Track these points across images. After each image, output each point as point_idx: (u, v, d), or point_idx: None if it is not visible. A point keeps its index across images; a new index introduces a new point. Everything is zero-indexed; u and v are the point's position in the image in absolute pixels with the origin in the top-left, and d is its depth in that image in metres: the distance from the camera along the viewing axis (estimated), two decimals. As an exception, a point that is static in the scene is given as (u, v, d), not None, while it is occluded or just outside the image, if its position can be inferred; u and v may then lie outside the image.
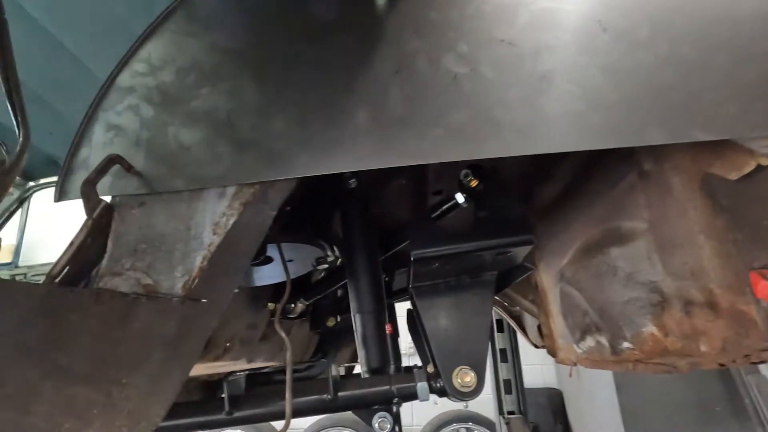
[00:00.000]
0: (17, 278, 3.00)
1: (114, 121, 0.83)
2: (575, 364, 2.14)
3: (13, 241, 3.34)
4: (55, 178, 3.31)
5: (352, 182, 1.07)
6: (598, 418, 3.81)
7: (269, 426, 4.11)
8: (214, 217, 0.74)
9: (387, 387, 0.87)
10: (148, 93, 0.84)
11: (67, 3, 1.89)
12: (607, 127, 0.73)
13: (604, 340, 1.26)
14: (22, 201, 3.11)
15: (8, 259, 3.27)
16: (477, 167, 0.99)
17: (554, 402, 5.04)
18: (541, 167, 1.14)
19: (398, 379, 0.88)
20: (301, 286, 1.33)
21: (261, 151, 0.77)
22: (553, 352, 2.24)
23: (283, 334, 0.87)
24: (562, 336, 2.14)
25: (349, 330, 2.30)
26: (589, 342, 1.38)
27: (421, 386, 0.86)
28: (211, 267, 0.70)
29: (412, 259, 0.84)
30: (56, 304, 0.65)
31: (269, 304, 1.36)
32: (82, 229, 0.74)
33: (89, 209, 0.74)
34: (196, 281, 0.69)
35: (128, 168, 0.77)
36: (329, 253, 1.08)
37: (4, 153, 0.78)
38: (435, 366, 0.89)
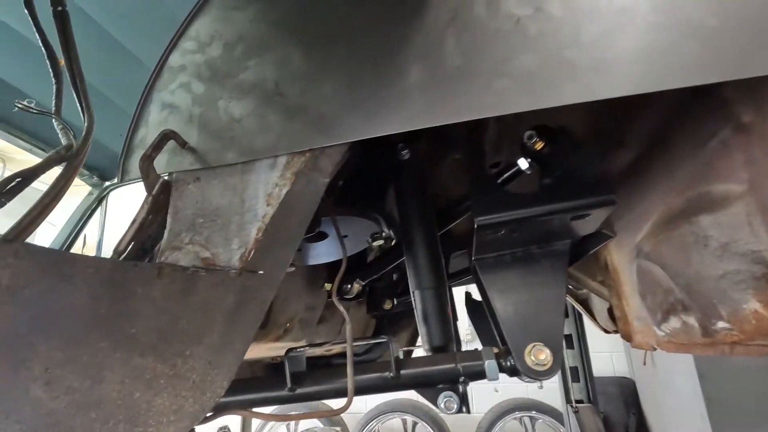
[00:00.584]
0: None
1: (167, 100, 0.84)
2: (654, 349, 1.96)
3: (95, 239, 3.65)
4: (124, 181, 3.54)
5: (405, 153, 1.02)
6: (677, 409, 3.51)
7: (326, 407, 4.22)
8: (266, 188, 0.72)
9: (452, 365, 0.82)
10: (198, 69, 0.84)
11: (123, 3, 1.99)
12: (705, 59, 0.61)
13: (692, 321, 1.12)
14: (100, 200, 3.37)
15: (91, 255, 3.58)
16: (542, 128, 0.90)
17: (626, 392, 4.71)
18: (613, 128, 1.02)
19: (464, 357, 0.83)
20: (356, 266, 1.31)
21: (310, 117, 0.73)
22: (627, 337, 2.07)
23: (342, 308, 0.85)
24: (639, 318, 1.96)
25: (405, 314, 2.27)
26: (674, 323, 1.24)
27: (490, 364, 0.79)
28: (266, 238, 0.68)
29: (475, 226, 0.77)
30: (122, 277, 0.66)
31: (326, 284, 1.35)
32: (142, 206, 0.75)
33: (149, 186, 0.74)
34: (252, 253, 0.68)
35: (182, 144, 0.77)
36: (384, 227, 1.04)
37: (71, 137, 0.80)
38: (504, 343, 0.82)
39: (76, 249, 3.40)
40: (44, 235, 3.33)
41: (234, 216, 0.72)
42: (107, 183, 3.61)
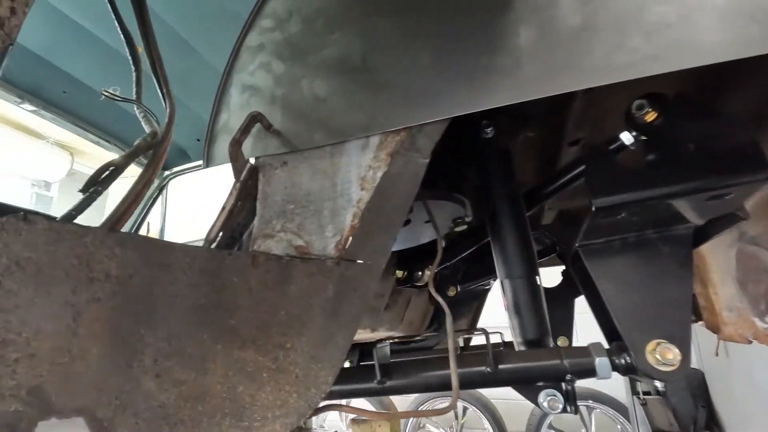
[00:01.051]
0: (164, 256, 3.43)
1: (248, 81, 0.81)
2: (750, 342, 1.78)
3: (158, 226, 3.83)
4: (186, 166, 3.67)
5: (489, 131, 0.94)
6: (757, 402, 3.23)
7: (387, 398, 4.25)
8: (359, 171, 0.67)
9: (557, 361, 0.74)
10: (278, 48, 0.79)
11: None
12: None
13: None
14: (161, 189, 3.52)
15: (155, 241, 3.76)
16: (654, 96, 0.78)
17: (694, 383, 4.42)
18: (713, 97, 0.88)
19: (571, 353, 0.75)
20: (427, 252, 1.26)
21: (403, 92, 0.67)
22: (713, 327, 1.89)
23: (441, 300, 0.80)
24: (731, 308, 1.78)
25: (465, 300, 2.19)
26: (785, 314, 1.09)
27: (601, 362, 0.71)
28: (364, 225, 0.63)
29: (594, 208, 0.68)
30: (217, 266, 0.64)
31: (397, 271, 1.31)
32: (231, 193, 0.72)
33: (237, 171, 0.72)
34: (349, 240, 0.63)
35: (268, 127, 0.74)
36: (469, 212, 0.97)
37: (155, 124, 0.79)
38: (614, 339, 0.74)
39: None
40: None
41: (326, 201, 0.67)
42: (167, 172, 3.76)
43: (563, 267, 1.45)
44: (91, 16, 2.43)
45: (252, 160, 0.76)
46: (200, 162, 3.86)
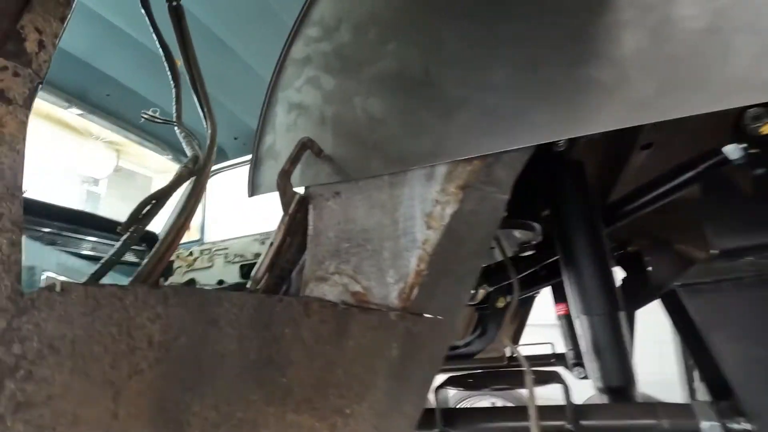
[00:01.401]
0: (204, 253, 3.49)
1: (294, 99, 0.73)
2: None
3: (198, 221, 3.90)
4: (223, 164, 3.69)
5: (562, 144, 0.82)
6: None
7: None
8: (424, 206, 0.58)
9: (653, 421, 0.64)
10: (326, 60, 0.71)
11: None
12: None
13: None
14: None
15: (197, 237, 3.85)
16: (775, 103, 0.64)
17: None
18: None
19: (669, 411, 0.64)
20: (484, 270, 1.16)
21: (476, 112, 0.57)
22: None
23: (523, 358, 0.70)
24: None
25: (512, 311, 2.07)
26: None
27: (711, 427, 0.60)
28: (432, 271, 0.54)
29: (717, 253, 0.57)
30: (268, 316, 0.57)
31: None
32: (279, 228, 0.65)
33: (285, 204, 0.64)
34: (415, 289, 0.55)
35: (318, 152, 0.66)
36: (539, 236, 0.86)
37: (197, 148, 0.73)
38: (728, 398, 0.62)
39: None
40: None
41: (386, 241, 0.59)
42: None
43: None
44: (132, 20, 2.43)
45: (301, 189, 0.68)
46: (238, 160, 3.86)
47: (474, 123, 0.56)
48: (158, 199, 0.66)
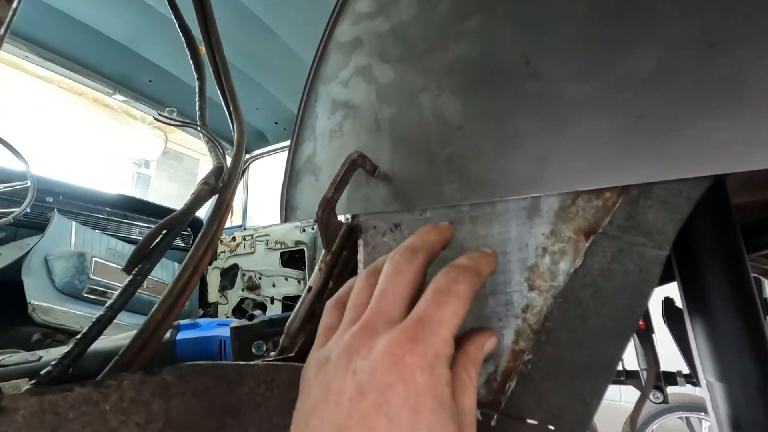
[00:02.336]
0: (246, 238, 3.48)
1: (340, 95, 0.56)
2: None
3: (240, 206, 3.90)
4: (265, 149, 3.63)
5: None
6: None
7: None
8: (524, 256, 0.40)
9: None
10: (381, 44, 0.53)
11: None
12: None
13: None
14: (242, 172, 3.53)
15: (239, 222, 3.86)
16: None
17: None
18: None
19: None
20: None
21: (614, 120, 0.38)
22: None
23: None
24: None
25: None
26: None
27: None
28: (540, 354, 0.37)
29: None
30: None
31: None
32: (320, 269, 0.50)
33: (327, 240, 0.49)
34: (512, 380, 0.38)
35: (372, 171, 0.49)
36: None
37: (221, 158, 0.58)
38: None
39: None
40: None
41: (467, 301, 0.42)
42: (247, 156, 3.76)
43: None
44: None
45: (347, 217, 0.52)
46: (279, 145, 3.78)
47: (608, 136, 0.38)
48: (171, 228, 0.52)
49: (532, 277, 0.40)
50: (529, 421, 0.36)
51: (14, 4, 0.32)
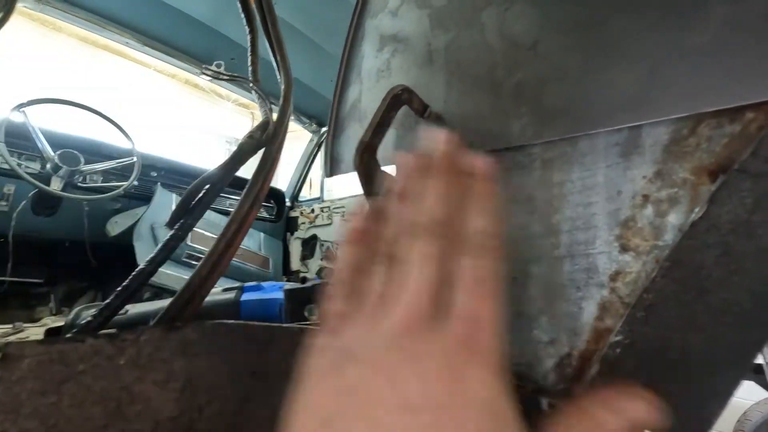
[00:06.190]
0: (324, 210, 3.59)
1: (388, 28, 0.48)
2: None
3: (318, 180, 4.02)
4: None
5: None
6: None
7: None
8: (617, 209, 0.30)
9: None
10: (437, -42, 0.44)
11: None
12: None
13: None
14: (318, 145, 3.61)
15: (317, 195, 3.99)
16: None
17: None
18: None
19: None
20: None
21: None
22: None
23: None
24: None
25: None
26: None
27: None
28: (633, 337, 0.28)
29: None
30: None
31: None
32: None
33: (369, 192, 0.42)
34: (594, 365, 0.29)
35: (421, 110, 0.41)
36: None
37: (269, 112, 0.55)
38: None
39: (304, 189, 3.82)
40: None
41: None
42: (323, 129, 3.83)
43: None
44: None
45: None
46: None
47: (758, 24, 0.26)
48: (214, 182, 0.50)
49: (627, 234, 0.30)
50: (617, 421, 0.28)
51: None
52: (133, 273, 0.40)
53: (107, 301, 0.38)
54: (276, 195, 3.54)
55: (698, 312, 0.26)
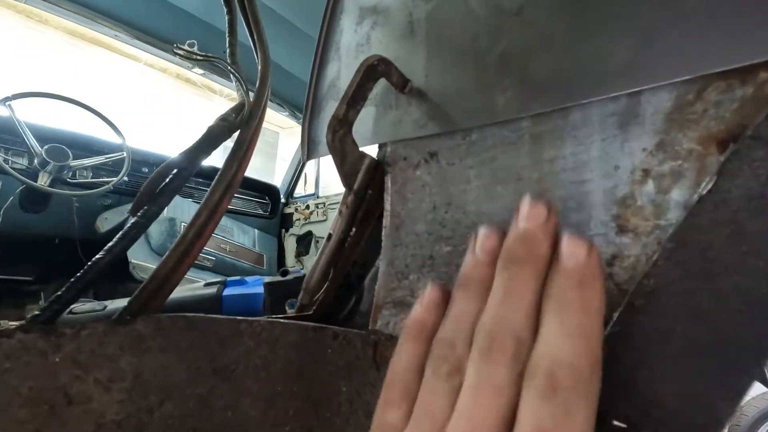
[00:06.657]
0: (319, 206, 3.55)
1: (367, 1, 0.45)
2: None
3: (313, 176, 3.98)
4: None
5: None
6: None
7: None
8: (614, 186, 0.27)
9: None
10: None
11: None
12: None
13: None
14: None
15: (312, 191, 3.95)
16: None
17: None
18: None
19: None
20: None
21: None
22: None
23: None
24: None
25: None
26: None
27: None
28: (631, 328, 0.25)
29: None
30: (312, 362, 0.35)
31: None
32: (340, 212, 0.41)
33: (345, 174, 0.39)
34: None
35: (401, 84, 0.38)
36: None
37: (245, 94, 0.51)
38: None
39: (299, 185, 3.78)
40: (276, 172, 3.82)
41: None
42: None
43: None
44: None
45: (373, 150, 0.42)
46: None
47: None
48: (181, 167, 0.47)
49: (625, 213, 0.26)
50: (615, 422, 0.25)
51: None
52: (88, 264, 0.36)
53: (57, 293, 0.35)
54: (270, 191, 3.49)
55: (705, 299, 0.23)
